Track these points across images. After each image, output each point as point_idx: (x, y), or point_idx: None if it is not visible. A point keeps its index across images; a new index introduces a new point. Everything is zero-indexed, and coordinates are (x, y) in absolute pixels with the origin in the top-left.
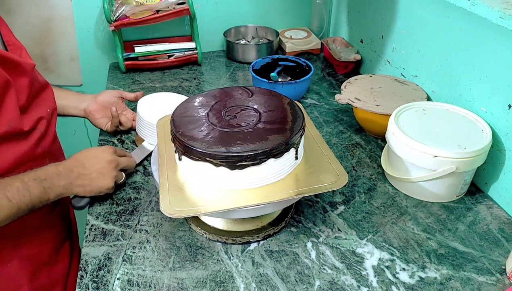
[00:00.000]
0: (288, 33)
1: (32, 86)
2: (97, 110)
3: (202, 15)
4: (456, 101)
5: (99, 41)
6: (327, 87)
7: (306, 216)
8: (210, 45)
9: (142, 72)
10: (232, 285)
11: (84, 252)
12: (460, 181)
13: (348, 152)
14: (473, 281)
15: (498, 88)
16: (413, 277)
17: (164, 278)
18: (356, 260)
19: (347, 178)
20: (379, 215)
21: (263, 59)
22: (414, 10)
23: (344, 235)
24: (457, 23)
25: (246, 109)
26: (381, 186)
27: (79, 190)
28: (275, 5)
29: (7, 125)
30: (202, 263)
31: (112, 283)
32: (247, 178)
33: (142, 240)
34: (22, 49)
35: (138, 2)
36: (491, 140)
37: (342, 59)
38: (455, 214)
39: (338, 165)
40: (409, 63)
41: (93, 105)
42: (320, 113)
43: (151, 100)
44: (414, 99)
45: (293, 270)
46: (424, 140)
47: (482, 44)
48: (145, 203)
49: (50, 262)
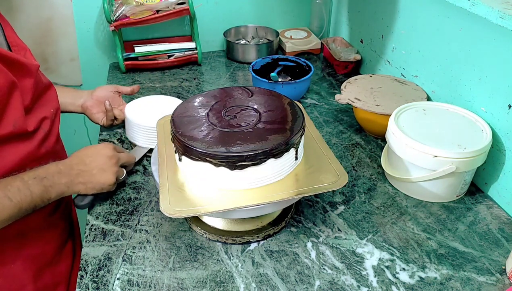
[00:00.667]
0: (288, 33)
1: (36, 87)
2: (93, 105)
3: (202, 15)
4: (456, 101)
5: (99, 41)
6: (327, 87)
7: (306, 216)
8: (210, 45)
9: (142, 72)
10: (232, 285)
11: (84, 252)
12: (460, 181)
13: (348, 152)
14: (473, 281)
15: (498, 88)
16: (413, 277)
17: (164, 278)
18: (356, 260)
19: (347, 178)
20: (379, 215)
21: (263, 59)
22: (414, 10)
23: (344, 235)
24: (457, 23)
25: (246, 109)
26: (381, 186)
27: (80, 187)
28: (275, 5)
29: (12, 126)
30: (202, 263)
31: (112, 283)
32: (247, 178)
33: (142, 240)
34: (26, 50)
35: (138, 2)
36: (491, 140)
37: (342, 59)
38: (455, 214)
39: (338, 165)
40: (409, 63)
41: (89, 101)
42: (320, 113)
43: (139, 103)
44: (414, 99)
45: (293, 270)
46: (424, 141)
47: (482, 44)
48: (145, 203)
49: (53, 262)
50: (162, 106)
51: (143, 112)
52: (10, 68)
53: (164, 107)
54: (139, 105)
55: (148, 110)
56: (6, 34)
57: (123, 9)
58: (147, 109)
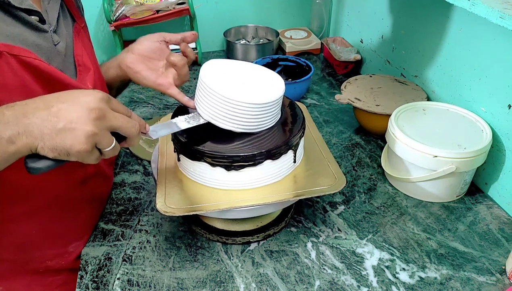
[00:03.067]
0: (288, 33)
1: None
2: (135, 62)
3: (202, 15)
4: (456, 101)
5: (99, 41)
6: (327, 87)
7: (306, 216)
8: (210, 45)
9: None
10: (232, 285)
11: (84, 252)
12: (460, 181)
13: (348, 152)
14: (473, 281)
15: (498, 88)
16: (413, 277)
17: (164, 278)
18: (356, 260)
19: (344, 181)
20: (379, 215)
21: (263, 59)
22: (414, 10)
23: (344, 235)
24: (457, 23)
25: None
26: (381, 186)
27: (35, 142)
28: (275, 5)
29: None
30: (202, 263)
31: (112, 283)
32: (243, 178)
33: (142, 240)
34: (90, 70)
35: (138, 2)
36: (491, 140)
37: (342, 59)
38: (455, 214)
39: (336, 167)
40: (409, 63)
41: (130, 57)
42: (320, 113)
43: (216, 65)
44: (414, 99)
45: (293, 270)
46: (424, 140)
47: (482, 44)
48: (145, 203)
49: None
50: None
51: (221, 77)
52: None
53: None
54: (216, 67)
55: (227, 77)
56: (75, 52)
57: (123, 9)
58: (225, 75)
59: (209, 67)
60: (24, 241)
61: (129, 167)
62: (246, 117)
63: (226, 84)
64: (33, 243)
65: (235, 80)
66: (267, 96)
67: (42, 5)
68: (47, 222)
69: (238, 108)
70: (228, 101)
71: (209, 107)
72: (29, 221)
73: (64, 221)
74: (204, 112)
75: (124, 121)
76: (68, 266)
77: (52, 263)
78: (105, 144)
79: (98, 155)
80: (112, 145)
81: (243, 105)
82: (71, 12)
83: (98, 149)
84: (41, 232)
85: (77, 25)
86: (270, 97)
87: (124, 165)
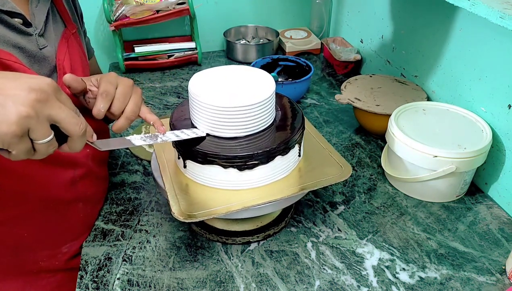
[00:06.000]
0: (288, 33)
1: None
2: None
3: (202, 15)
4: (456, 101)
5: (99, 41)
6: (327, 87)
7: (306, 216)
8: (210, 45)
9: (142, 72)
10: (232, 285)
11: (84, 252)
12: (460, 181)
13: (348, 152)
14: (473, 281)
15: (498, 88)
16: (413, 277)
17: (164, 278)
18: (356, 260)
19: (351, 168)
20: (379, 215)
21: (263, 59)
22: (414, 10)
23: (344, 235)
24: (457, 23)
25: None
26: (381, 186)
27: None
28: (275, 5)
29: None
30: (202, 263)
31: (112, 283)
32: (255, 177)
33: (142, 240)
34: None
35: (138, 2)
36: (491, 140)
37: (342, 59)
38: (455, 214)
39: (339, 156)
40: (409, 63)
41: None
42: (320, 113)
43: (205, 75)
44: (414, 99)
45: (293, 270)
46: (424, 140)
47: (482, 44)
48: (145, 203)
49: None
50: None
51: (209, 88)
52: None
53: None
54: (205, 78)
55: (216, 86)
56: (57, 56)
57: (123, 9)
58: (214, 85)
59: (196, 82)
60: (16, 243)
61: (129, 167)
62: (247, 119)
63: (218, 94)
64: (25, 245)
65: (225, 88)
66: (262, 93)
67: (30, 8)
68: (39, 224)
69: (237, 113)
70: (226, 110)
71: (208, 120)
72: (20, 224)
73: (57, 222)
74: (205, 128)
75: (69, 115)
76: (62, 266)
77: (46, 264)
78: (39, 135)
79: (28, 146)
80: (48, 138)
81: (241, 110)
82: (62, 17)
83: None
84: (33, 234)
85: (67, 30)
86: (265, 94)
87: (124, 165)
